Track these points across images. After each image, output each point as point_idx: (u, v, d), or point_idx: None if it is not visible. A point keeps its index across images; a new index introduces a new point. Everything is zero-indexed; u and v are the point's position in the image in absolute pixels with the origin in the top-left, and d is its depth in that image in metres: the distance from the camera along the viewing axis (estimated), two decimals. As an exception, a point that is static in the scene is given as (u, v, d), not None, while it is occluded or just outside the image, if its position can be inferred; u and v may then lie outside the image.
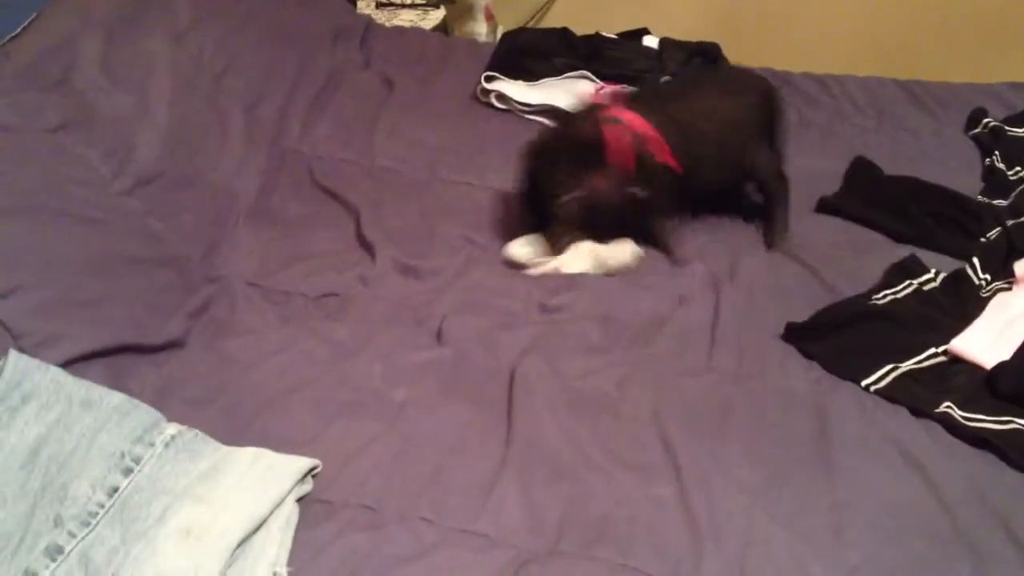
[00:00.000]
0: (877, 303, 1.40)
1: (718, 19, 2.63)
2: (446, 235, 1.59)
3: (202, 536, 0.96)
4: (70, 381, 1.08)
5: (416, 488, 1.10)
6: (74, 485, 1.00)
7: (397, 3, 2.54)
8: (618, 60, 2.06)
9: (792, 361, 1.32)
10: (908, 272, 1.45)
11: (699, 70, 2.03)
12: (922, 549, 1.04)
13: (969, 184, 1.70)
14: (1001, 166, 1.73)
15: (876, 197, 1.64)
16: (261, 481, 1.04)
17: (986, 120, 1.86)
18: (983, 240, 1.55)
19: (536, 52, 2.04)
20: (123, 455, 1.04)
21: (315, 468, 1.10)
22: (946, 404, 1.22)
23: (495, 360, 1.30)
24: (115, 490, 1.01)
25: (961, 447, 1.17)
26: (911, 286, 1.43)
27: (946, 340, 1.32)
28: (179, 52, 1.64)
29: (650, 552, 1.03)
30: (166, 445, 1.07)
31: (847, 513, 1.08)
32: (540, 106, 1.91)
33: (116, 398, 1.09)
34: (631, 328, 1.38)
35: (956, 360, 1.31)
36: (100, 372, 1.18)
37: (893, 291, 1.42)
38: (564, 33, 2.14)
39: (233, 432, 1.14)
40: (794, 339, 1.35)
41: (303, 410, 1.21)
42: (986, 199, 1.66)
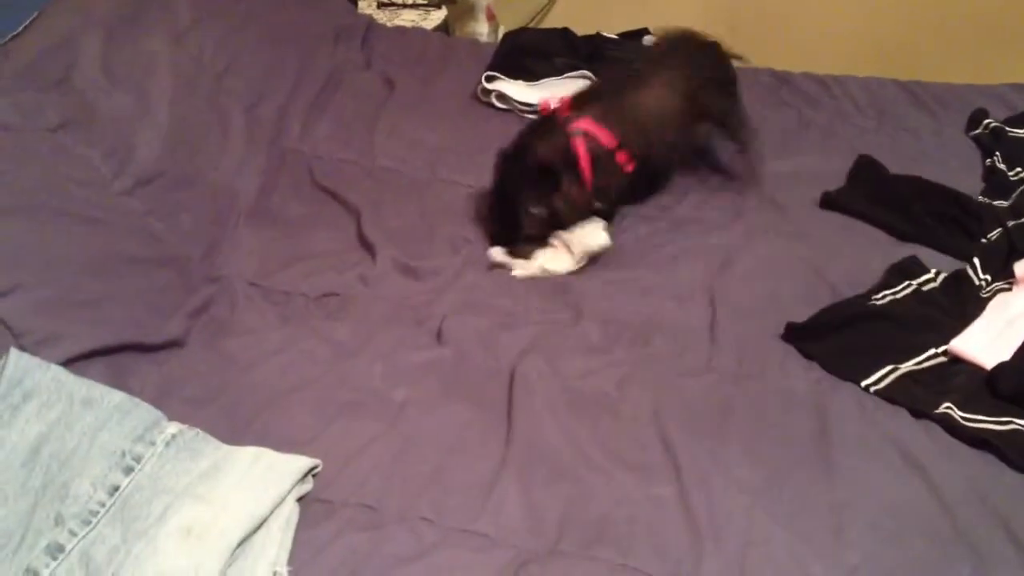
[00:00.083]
0: (877, 303, 1.40)
1: (718, 19, 2.60)
2: (446, 235, 1.59)
3: (203, 535, 0.96)
4: (71, 379, 1.08)
5: (416, 488, 1.10)
6: (75, 483, 1.00)
7: (399, 3, 2.54)
8: (619, 60, 2.05)
9: (792, 361, 1.32)
10: (908, 272, 1.45)
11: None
12: (922, 549, 1.04)
13: (970, 185, 1.69)
14: (1002, 167, 1.73)
15: (880, 195, 1.64)
16: (261, 480, 1.04)
17: (987, 121, 1.85)
18: (984, 241, 1.55)
19: (537, 52, 2.04)
20: (124, 454, 1.04)
21: (315, 467, 1.10)
22: (946, 405, 1.22)
23: (495, 360, 1.30)
24: (116, 489, 1.01)
25: (961, 448, 1.17)
26: (911, 286, 1.42)
27: (946, 340, 1.32)
28: (179, 52, 1.64)
29: (650, 552, 1.03)
30: (167, 444, 1.07)
31: (847, 513, 1.08)
32: (540, 106, 1.91)
33: (117, 397, 1.09)
34: (631, 328, 1.38)
35: (956, 360, 1.31)
36: (101, 371, 1.19)
37: (893, 291, 1.42)
38: (565, 33, 2.14)
39: (233, 431, 1.14)
40: (794, 339, 1.35)
41: (303, 410, 1.21)
42: (987, 200, 1.65)
